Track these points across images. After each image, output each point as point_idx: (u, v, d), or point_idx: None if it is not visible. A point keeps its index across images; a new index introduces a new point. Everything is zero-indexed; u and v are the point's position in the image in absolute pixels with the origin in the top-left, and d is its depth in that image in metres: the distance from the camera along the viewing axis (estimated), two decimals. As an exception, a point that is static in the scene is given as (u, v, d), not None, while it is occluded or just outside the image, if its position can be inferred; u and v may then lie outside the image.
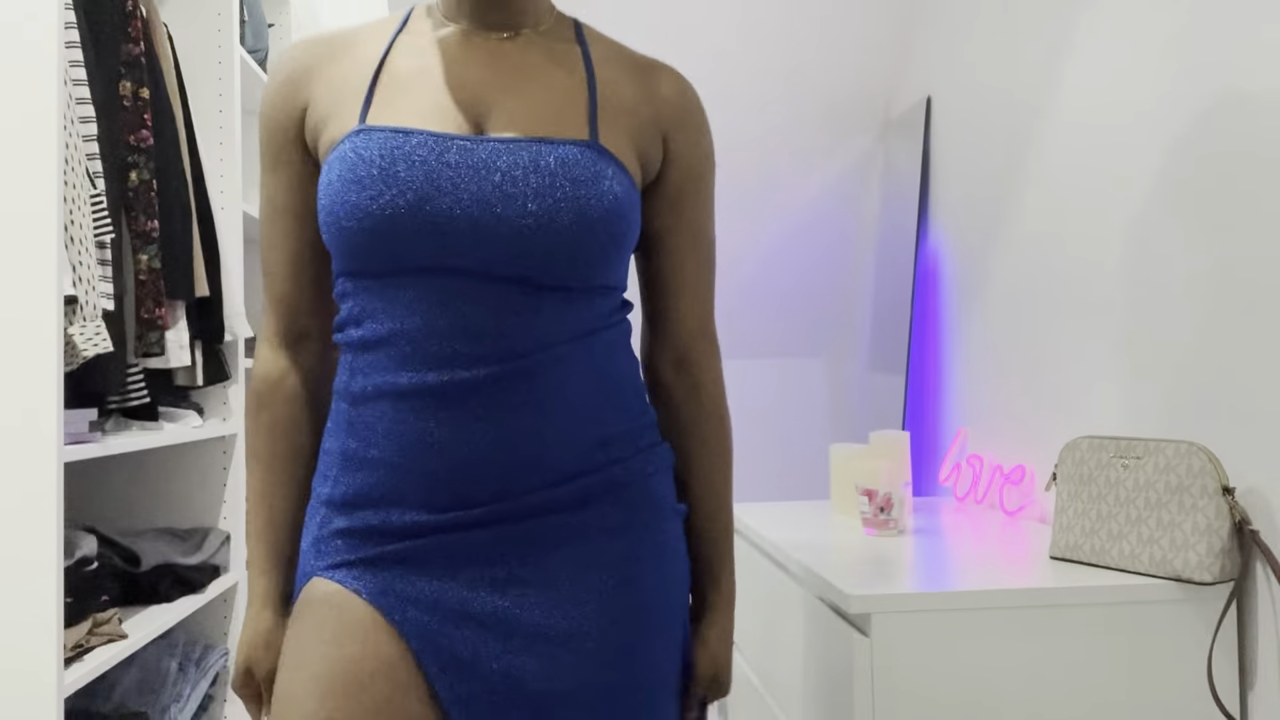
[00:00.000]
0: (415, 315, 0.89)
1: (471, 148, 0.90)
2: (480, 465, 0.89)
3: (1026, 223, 1.79)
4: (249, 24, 2.36)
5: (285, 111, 0.97)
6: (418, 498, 0.89)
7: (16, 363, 1.33)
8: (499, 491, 0.89)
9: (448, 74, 0.95)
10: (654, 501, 0.97)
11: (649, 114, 0.99)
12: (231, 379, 2.07)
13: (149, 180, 1.69)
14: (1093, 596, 1.22)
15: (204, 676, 1.90)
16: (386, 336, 0.90)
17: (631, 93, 0.99)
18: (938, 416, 2.18)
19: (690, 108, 1.02)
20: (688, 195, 1.02)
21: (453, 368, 0.88)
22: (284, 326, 1.01)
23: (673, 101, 1.01)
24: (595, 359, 0.95)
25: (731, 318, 2.81)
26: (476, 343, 0.88)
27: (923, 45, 2.25)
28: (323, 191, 0.91)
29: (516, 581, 0.90)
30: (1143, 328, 1.45)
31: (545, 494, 0.91)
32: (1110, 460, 1.34)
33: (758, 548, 1.71)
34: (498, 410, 0.89)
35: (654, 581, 0.95)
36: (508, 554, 0.90)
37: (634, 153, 0.97)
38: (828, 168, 2.52)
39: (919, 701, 1.20)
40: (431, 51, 0.97)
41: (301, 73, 0.97)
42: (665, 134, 1.00)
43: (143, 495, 2.04)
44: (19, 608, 1.32)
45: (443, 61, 0.96)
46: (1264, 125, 1.21)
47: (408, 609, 0.88)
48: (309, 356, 1.02)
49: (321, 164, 0.95)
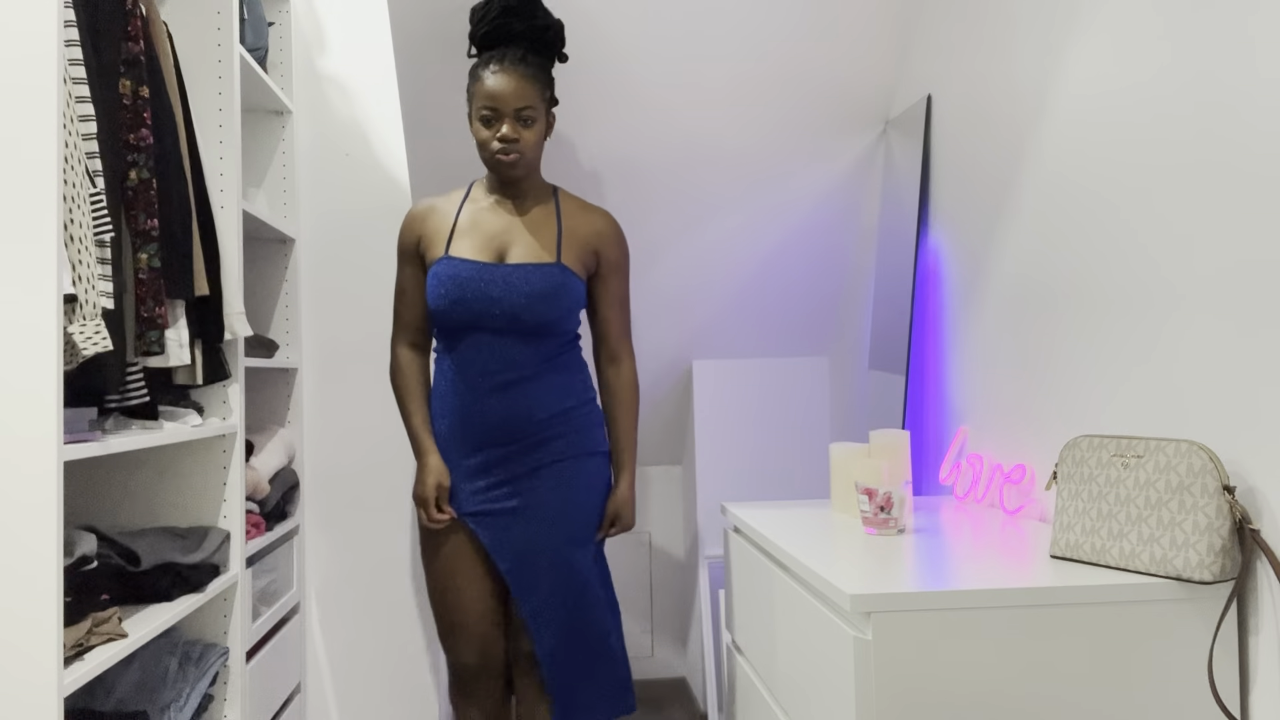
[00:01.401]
0: (469, 350, 1.96)
1: (498, 268, 1.94)
2: (498, 425, 1.95)
3: (1026, 222, 1.79)
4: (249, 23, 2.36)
5: (411, 237, 2.04)
6: (471, 442, 1.97)
7: (16, 362, 1.32)
8: (507, 438, 1.96)
9: (486, 228, 1.99)
10: (587, 442, 2.01)
11: (591, 239, 2.01)
12: (231, 378, 2.06)
13: (149, 179, 1.69)
14: (1093, 596, 1.22)
15: (204, 676, 1.90)
16: (455, 358, 1.98)
17: (582, 228, 2.01)
18: (938, 416, 2.18)
19: (610, 233, 2.04)
20: (610, 277, 2.04)
21: (487, 376, 1.95)
22: (409, 339, 2.07)
23: (602, 231, 2.03)
24: (558, 370, 1.99)
25: (731, 317, 2.81)
26: (498, 364, 1.95)
27: (923, 45, 2.25)
28: (427, 288, 1.98)
29: (516, 482, 1.96)
30: (1143, 327, 1.45)
31: (531, 438, 1.96)
32: (1110, 459, 1.34)
33: (758, 547, 1.71)
34: (508, 397, 1.95)
35: (581, 482, 2.00)
36: (514, 469, 1.96)
37: (580, 264, 1.99)
38: (828, 167, 2.52)
39: (919, 701, 1.20)
40: (480, 214, 2.01)
41: (419, 220, 2.04)
42: (597, 250, 2.02)
43: (142, 494, 2.03)
44: (19, 607, 1.31)
45: (484, 221, 2.00)
46: (1264, 124, 1.21)
47: (467, 513, 1.98)
48: (419, 353, 2.09)
49: (427, 271, 2.00)
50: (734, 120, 2.39)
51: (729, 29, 2.23)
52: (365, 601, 2.71)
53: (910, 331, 2.18)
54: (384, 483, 2.74)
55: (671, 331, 2.82)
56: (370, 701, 2.71)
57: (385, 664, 2.72)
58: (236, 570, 2.05)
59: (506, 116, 1.90)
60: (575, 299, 1.96)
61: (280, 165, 2.67)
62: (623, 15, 2.19)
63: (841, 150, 2.49)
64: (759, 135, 2.42)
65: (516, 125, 1.91)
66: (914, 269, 2.20)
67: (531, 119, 1.92)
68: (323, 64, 2.76)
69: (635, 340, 2.81)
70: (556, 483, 1.96)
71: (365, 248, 2.76)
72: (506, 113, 1.90)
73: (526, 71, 1.91)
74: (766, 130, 2.42)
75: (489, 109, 1.90)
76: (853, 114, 2.42)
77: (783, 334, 2.88)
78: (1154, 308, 1.43)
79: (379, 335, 2.75)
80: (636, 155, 2.42)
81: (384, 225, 2.76)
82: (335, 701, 2.71)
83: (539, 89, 1.93)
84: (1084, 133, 1.61)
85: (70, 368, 1.44)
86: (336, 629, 2.71)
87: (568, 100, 2.30)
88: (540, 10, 2.04)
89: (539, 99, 1.93)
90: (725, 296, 2.76)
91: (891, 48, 2.31)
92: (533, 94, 1.91)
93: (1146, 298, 1.45)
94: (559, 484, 1.97)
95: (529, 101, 1.90)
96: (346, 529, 2.72)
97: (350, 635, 2.71)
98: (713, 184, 2.50)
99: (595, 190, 2.47)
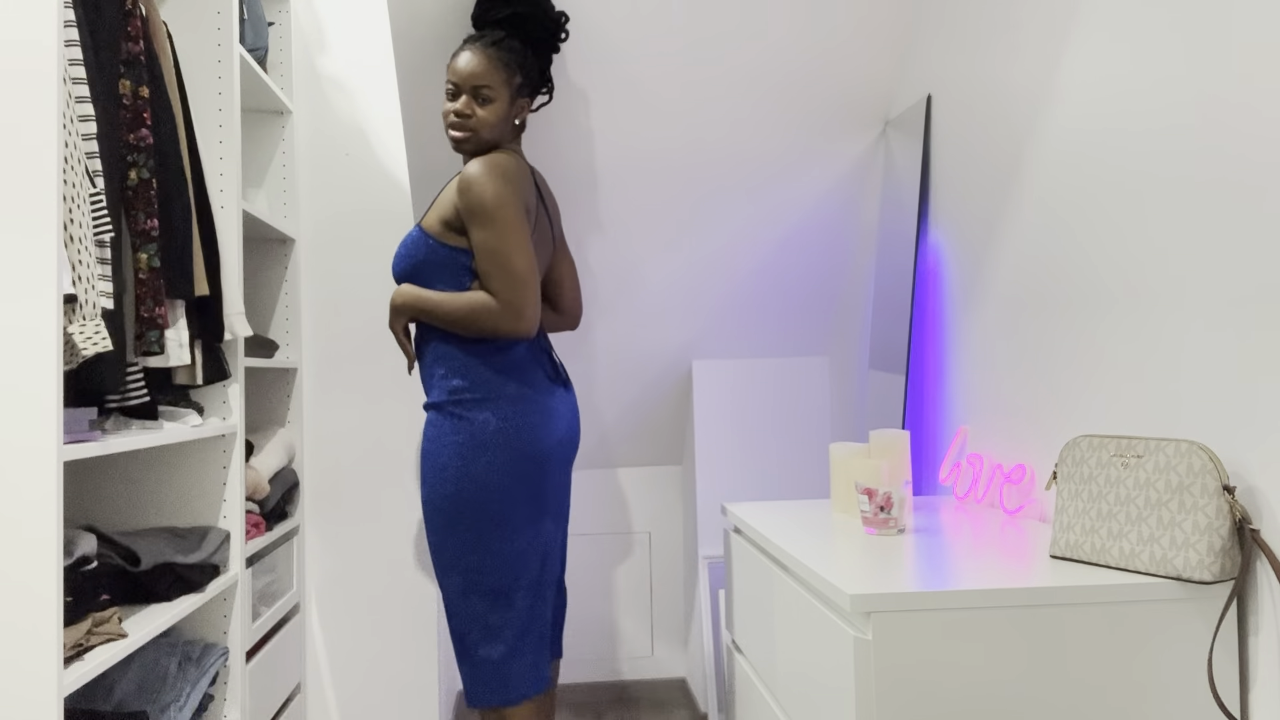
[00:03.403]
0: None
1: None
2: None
3: (1026, 222, 1.79)
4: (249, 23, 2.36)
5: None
6: None
7: (16, 362, 1.32)
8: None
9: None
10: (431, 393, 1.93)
11: (450, 195, 1.89)
12: (231, 378, 2.06)
13: (148, 179, 1.69)
14: (1093, 596, 1.22)
15: (204, 676, 1.90)
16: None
17: (449, 187, 1.92)
18: (938, 415, 2.18)
19: (458, 183, 1.86)
20: (470, 229, 1.85)
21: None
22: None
23: (456, 185, 1.88)
24: (429, 336, 1.95)
25: (731, 317, 2.81)
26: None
27: (923, 45, 2.25)
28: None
29: None
30: (1143, 327, 1.45)
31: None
32: (1110, 459, 1.34)
33: (758, 546, 1.71)
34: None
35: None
36: None
37: (441, 223, 1.89)
38: (828, 167, 2.52)
39: (919, 701, 1.20)
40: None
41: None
42: (455, 203, 1.87)
43: (142, 494, 2.03)
44: (19, 607, 1.31)
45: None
46: (1265, 123, 1.21)
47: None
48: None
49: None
50: (734, 120, 2.39)
51: (729, 29, 2.23)
52: (365, 601, 2.71)
53: (910, 331, 2.18)
54: (384, 483, 2.74)
55: (671, 331, 2.82)
56: (370, 701, 2.71)
57: (385, 664, 2.72)
58: (236, 570, 2.05)
59: (464, 92, 1.93)
60: (420, 258, 1.89)
61: (280, 165, 2.67)
62: (623, 15, 2.19)
63: (841, 150, 2.49)
64: (759, 135, 2.42)
65: (472, 102, 1.92)
66: (914, 269, 2.20)
67: (489, 98, 1.92)
68: (323, 64, 2.76)
69: (635, 340, 2.81)
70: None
71: (365, 248, 2.76)
72: (464, 89, 1.93)
73: (493, 53, 1.94)
74: (766, 130, 2.42)
75: (451, 83, 1.94)
76: (853, 114, 2.42)
77: (783, 334, 2.88)
78: (1154, 307, 1.43)
79: (379, 335, 2.76)
80: (636, 155, 2.42)
81: (384, 225, 2.76)
82: (335, 701, 2.71)
83: (502, 71, 1.94)
84: (1084, 133, 1.61)
85: (70, 368, 1.44)
86: (336, 629, 2.71)
87: (568, 100, 2.30)
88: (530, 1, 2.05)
89: (501, 81, 1.94)
90: (725, 296, 2.76)
91: (891, 48, 2.31)
92: (493, 74, 1.92)
93: (1147, 297, 1.45)
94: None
95: (486, 80, 1.92)
96: (346, 529, 2.72)
97: (350, 635, 2.71)
98: (713, 184, 2.50)
99: (596, 190, 2.48)
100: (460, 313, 1.83)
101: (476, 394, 1.85)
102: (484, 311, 1.81)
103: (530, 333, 1.84)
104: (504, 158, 1.89)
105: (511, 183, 1.86)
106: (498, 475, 1.83)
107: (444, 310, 1.85)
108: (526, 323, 1.82)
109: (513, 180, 1.86)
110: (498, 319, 1.81)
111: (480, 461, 1.82)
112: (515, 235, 1.82)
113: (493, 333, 1.83)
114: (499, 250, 1.81)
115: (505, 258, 1.81)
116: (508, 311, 1.81)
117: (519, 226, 1.83)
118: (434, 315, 1.86)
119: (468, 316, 1.83)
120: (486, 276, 1.82)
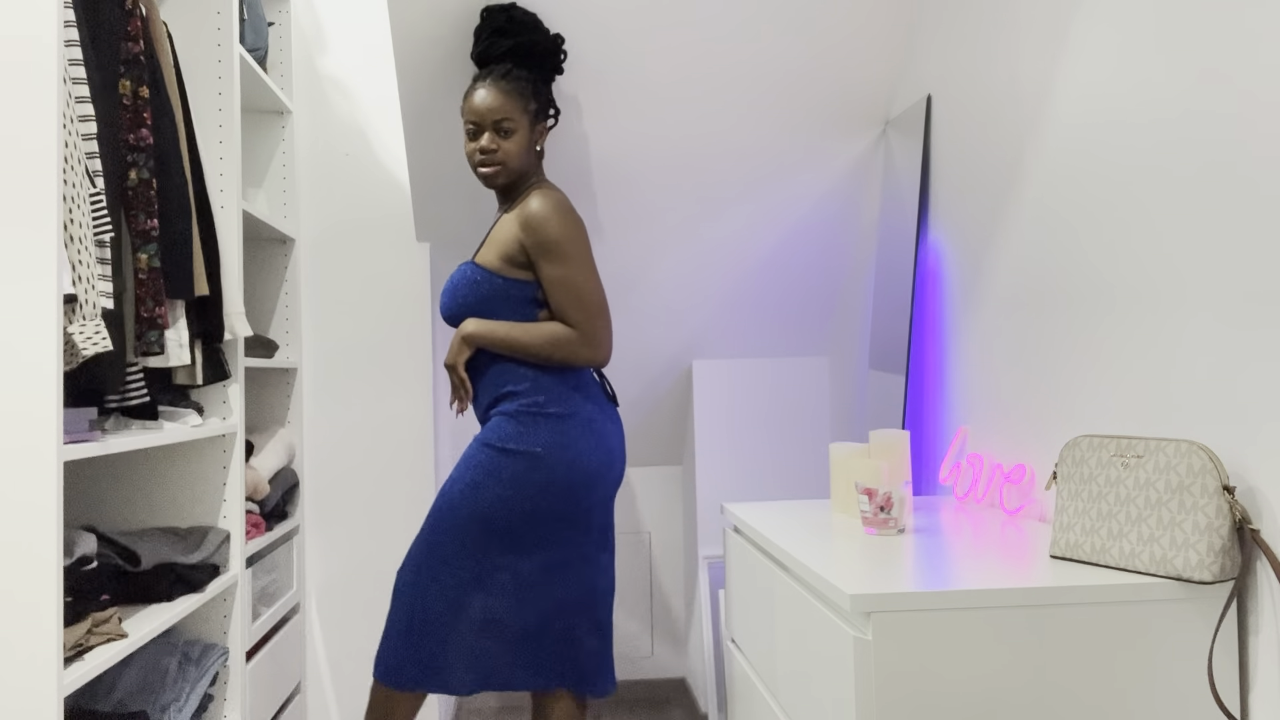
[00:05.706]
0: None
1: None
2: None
3: (1026, 221, 1.79)
4: (249, 23, 2.36)
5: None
6: None
7: (16, 362, 1.32)
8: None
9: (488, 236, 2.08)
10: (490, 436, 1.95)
11: (513, 230, 1.95)
12: (231, 378, 2.06)
13: (149, 179, 1.69)
14: (1093, 596, 1.22)
15: (203, 676, 1.90)
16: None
17: (507, 222, 1.98)
18: (938, 416, 2.18)
19: (525, 219, 1.94)
20: (540, 263, 1.93)
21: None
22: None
23: (520, 220, 1.94)
24: (484, 370, 2.01)
25: (731, 317, 2.81)
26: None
27: (923, 45, 2.25)
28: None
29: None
30: (1143, 327, 1.45)
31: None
32: (1110, 459, 1.34)
33: (758, 546, 1.71)
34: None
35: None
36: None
37: (501, 258, 1.96)
38: (828, 167, 2.52)
39: (919, 701, 1.20)
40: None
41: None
42: (520, 239, 1.94)
43: (142, 494, 2.03)
44: (19, 607, 1.31)
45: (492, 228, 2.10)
46: (1265, 123, 1.21)
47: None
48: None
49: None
50: (734, 120, 2.39)
51: (729, 29, 2.23)
52: (365, 601, 2.71)
53: (910, 331, 2.18)
54: (383, 483, 2.74)
55: (671, 331, 2.82)
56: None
57: (385, 664, 2.71)
58: (236, 570, 2.05)
59: (486, 129, 1.99)
60: (482, 293, 1.94)
61: (280, 165, 2.67)
62: (623, 15, 2.19)
63: (841, 150, 2.49)
64: (759, 135, 2.42)
65: (496, 137, 1.99)
66: (914, 269, 2.20)
67: (510, 130, 1.98)
68: (323, 64, 2.76)
69: (635, 340, 2.81)
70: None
71: (365, 248, 2.76)
72: (486, 125, 1.99)
73: (506, 85, 2.00)
74: (766, 130, 2.42)
75: (471, 123, 2.00)
76: (853, 114, 2.42)
77: (783, 334, 2.88)
78: (1154, 307, 1.43)
79: (379, 335, 2.76)
80: (637, 155, 2.42)
81: (384, 225, 2.76)
82: (335, 701, 2.71)
83: (518, 101, 2.00)
84: (1084, 132, 1.61)
85: (70, 368, 1.44)
86: (336, 629, 2.71)
87: (568, 100, 2.30)
88: (529, 27, 2.11)
89: (519, 110, 2.00)
90: (725, 296, 2.76)
91: (891, 48, 2.31)
92: (511, 106, 1.98)
93: (1147, 297, 1.45)
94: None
95: (506, 114, 1.98)
96: (346, 529, 2.72)
97: (350, 635, 2.71)
98: (713, 184, 2.50)
99: (595, 190, 2.48)
100: (539, 341, 1.91)
101: (554, 408, 1.93)
102: (565, 341, 1.91)
103: (607, 360, 1.96)
104: (559, 194, 1.99)
105: (575, 217, 1.97)
106: (552, 495, 1.91)
107: (525, 340, 1.92)
108: (604, 350, 1.94)
109: (575, 214, 1.97)
110: (577, 347, 1.92)
111: (558, 468, 1.90)
112: (587, 268, 1.94)
113: (571, 361, 1.93)
114: (575, 283, 1.92)
115: (581, 290, 1.92)
116: (587, 340, 1.92)
117: (589, 259, 1.95)
118: (512, 344, 1.93)
119: (548, 345, 1.91)
120: (562, 308, 1.92)
